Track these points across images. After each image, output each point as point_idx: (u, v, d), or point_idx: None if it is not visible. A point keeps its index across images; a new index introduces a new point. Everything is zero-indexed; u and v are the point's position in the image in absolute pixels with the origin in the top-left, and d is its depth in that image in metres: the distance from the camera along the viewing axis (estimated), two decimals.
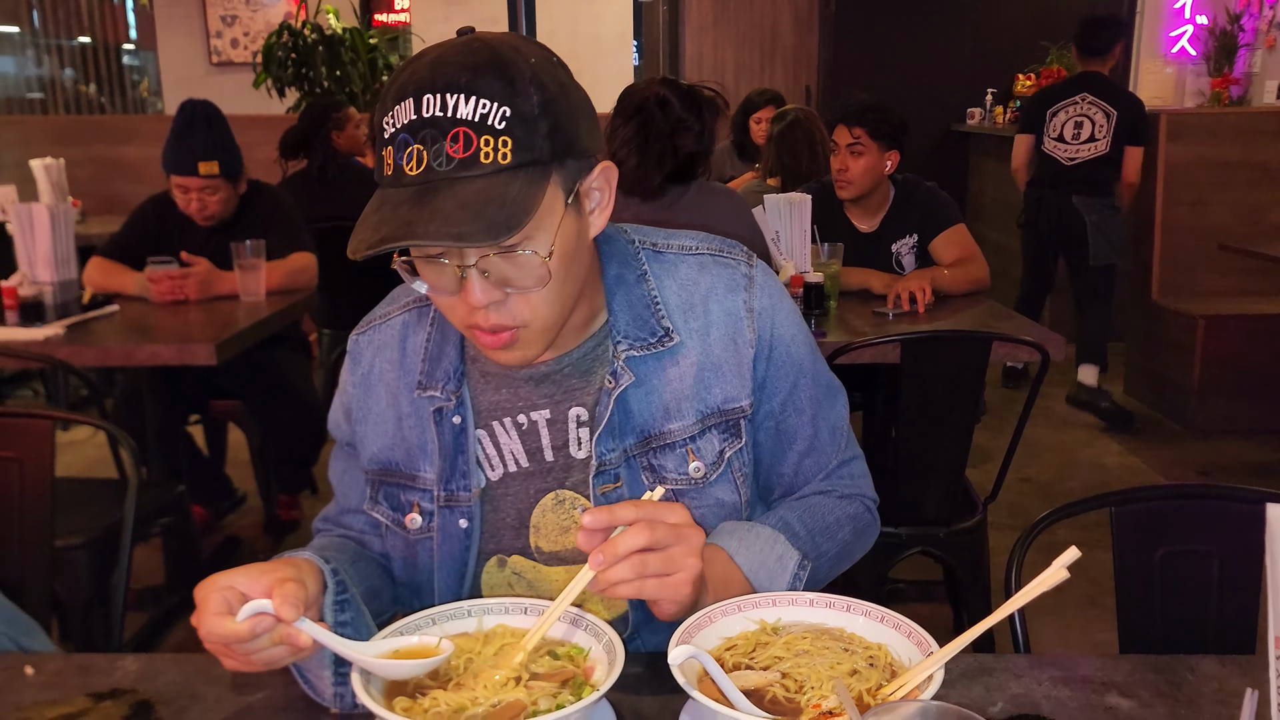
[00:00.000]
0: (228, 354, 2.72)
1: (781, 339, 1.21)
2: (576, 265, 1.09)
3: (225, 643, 0.95)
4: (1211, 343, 4.69)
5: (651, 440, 1.17)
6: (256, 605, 0.94)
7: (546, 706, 0.92)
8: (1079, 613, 3.01)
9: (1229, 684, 1.07)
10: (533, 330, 1.07)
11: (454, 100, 0.97)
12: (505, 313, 1.05)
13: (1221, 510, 1.38)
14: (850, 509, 1.27)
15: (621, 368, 1.15)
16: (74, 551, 2.32)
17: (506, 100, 0.97)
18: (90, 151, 6.24)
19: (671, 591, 0.99)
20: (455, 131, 0.97)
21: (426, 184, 0.97)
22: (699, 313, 1.19)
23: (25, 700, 1.06)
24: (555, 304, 1.07)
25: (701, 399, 1.18)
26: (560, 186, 1.03)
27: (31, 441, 1.77)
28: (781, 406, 1.23)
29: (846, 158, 3.12)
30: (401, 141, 0.98)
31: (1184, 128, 5.01)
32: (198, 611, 0.97)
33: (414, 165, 0.97)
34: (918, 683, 0.92)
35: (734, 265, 1.21)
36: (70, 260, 3.05)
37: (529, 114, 0.98)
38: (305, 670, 1.06)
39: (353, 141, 4.67)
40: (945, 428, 2.49)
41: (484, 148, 0.97)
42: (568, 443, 1.19)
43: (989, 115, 7.49)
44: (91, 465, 4.11)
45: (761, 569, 1.14)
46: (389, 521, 1.23)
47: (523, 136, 0.98)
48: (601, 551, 0.95)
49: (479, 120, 0.97)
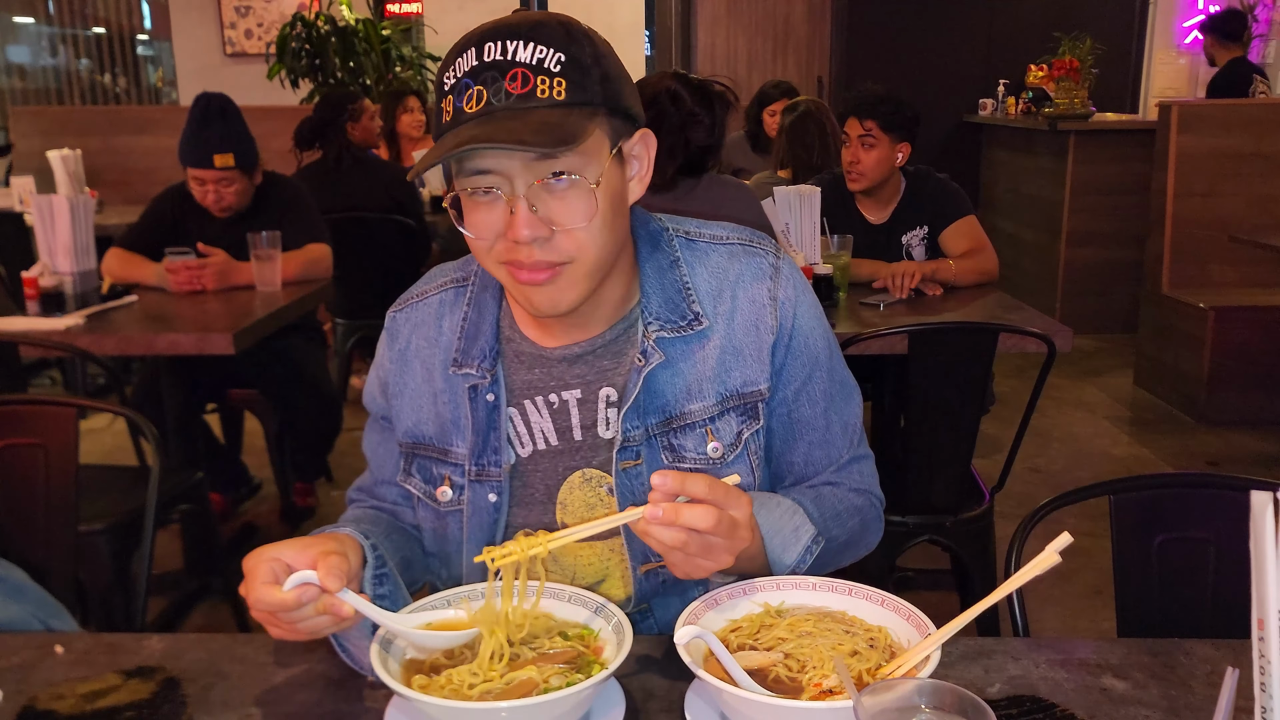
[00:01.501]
0: (245, 343, 2.76)
1: (801, 330, 1.25)
2: (619, 219, 1.14)
3: (272, 610, 1.00)
4: (1222, 334, 4.69)
5: (673, 421, 1.21)
6: (302, 576, 0.99)
7: (557, 684, 0.95)
8: (1084, 601, 3.04)
9: (1221, 667, 1.10)
10: (577, 269, 1.11)
11: (514, 46, 1.04)
12: (551, 249, 1.09)
13: (1218, 498, 1.40)
14: (858, 501, 1.30)
15: (652, 347, 1.19)
16: (96, 536, 2.36)
17: (563, 47, 1.05)
18: (106, 142, 6.29)
19: (693, 569, 1.03)
20: (514, 72, 1.04)
21: (486, 115, 1.04)
22: (726, 298, 1.23)
23: (57, 677, 1.10)
24: (599, 245, 1.11)
25: (722, 380, 1.22)
26: (607, 135, 1.09)
27: (56, 428, 1.82)
28: (795, 395, 1.26)
29: (858, 150, 3.13)
30: (462, 86, 1.05)
31: (1196, 119, 5.00)
32: (246, 581, 1.02)
33: (473, 104, 1.04)
34: (915, 663, 0.95)
35: (762, 255, 1.25)
36: (90, 251, 3.09)
37: (584, 61, 1.06)
38: (345, 640, 1.10)
39: (367, 133, 4.71)
40: (953, 418, 2.51)
41: (540, 85, 1.04)
42: (596, 422, 1.22)
43: (1001, 106, 7.48)
44: (109, 453, 4.16)
45: (778, 535, 1.16)
46: (420, 494, 1.27)
47: (578, 80, 1.05)
48: (663, 510, 0.98)
49: (536, 63, 1.04)
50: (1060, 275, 6.21)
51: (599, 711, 0.99)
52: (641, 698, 1.04)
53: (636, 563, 1.22)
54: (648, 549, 1.20)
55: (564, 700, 0.91)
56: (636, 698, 1.04)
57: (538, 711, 0.91)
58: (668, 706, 1.03)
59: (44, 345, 2.75)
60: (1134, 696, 1.05)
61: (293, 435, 3.68)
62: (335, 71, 6.52)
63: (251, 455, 3.97)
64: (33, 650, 1.16)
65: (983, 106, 7.57)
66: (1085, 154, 6.04)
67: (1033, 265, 6.57)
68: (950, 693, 0.80)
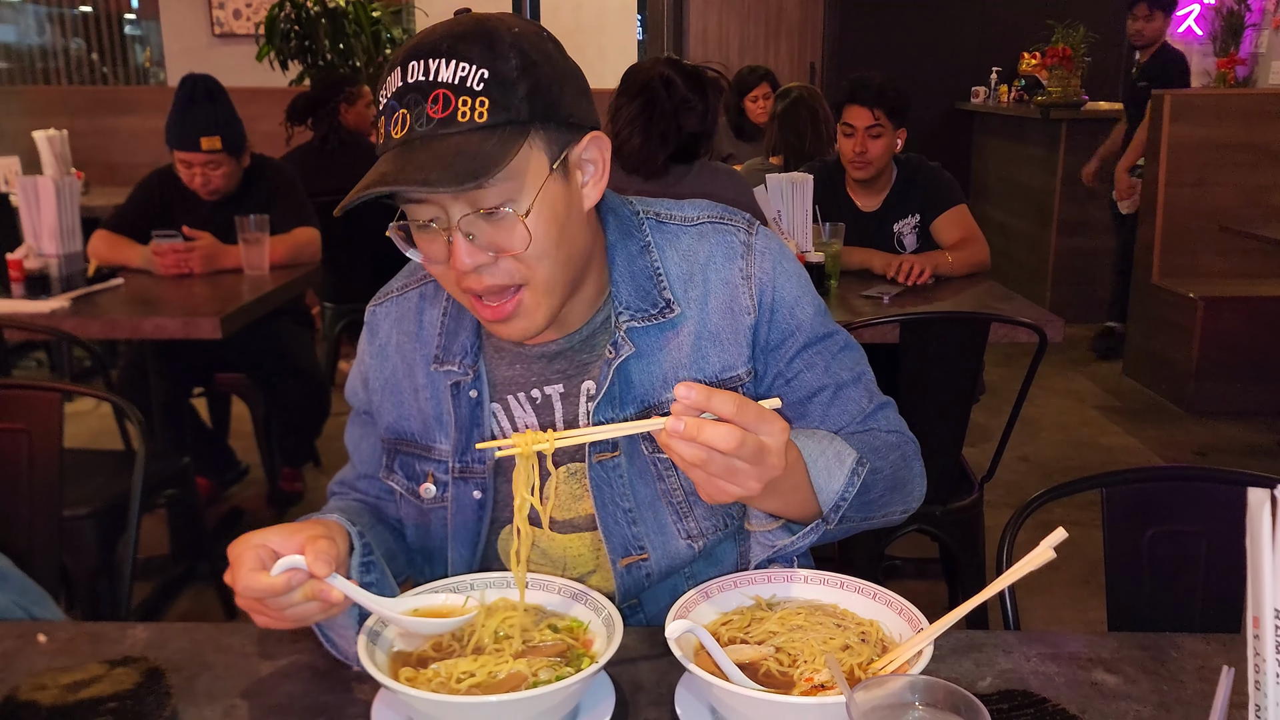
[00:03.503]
0: (232, 327, 2.74)
1: (784, 301, 1.21)
2: (569, 232, 1.09)
3: (260, 597, 0.98)
4: (1211, 324, 4.70)
5: (651, 410, 1.19)
6: (290, 561, 0.97)
7: (547, 678, 0.95)
8: (1072, 590, 3.05)
9: (1212, 661, 1.10)
10: (533, 293, 1.08)
11: (435, 65, 1.01)
12: (498, 272, 1.06)
13: (1210, 492, 1.40)
14: (892, 439, 1.24)
15: (622, 338, 1.17)
16: (80, 521, 2.35)
17: (485, 63, 1.01)
18: (93, 123, 6.24)
19: (715, 491, 0.97)
20: (435, 94, 1.01)
21: (407, 143, 1.01)
22: (698, 281, 1.20)
23: (39, 667, 1.09)
24: (549, 265, 1.07)
25: (699, 367, 1.19)
26: (544, 150, 1.05)
27: (40, 413, 1.80)
28: (789, 364, 1.22)
29: (865, 140, 3.10)
30: (389, 108, 1.03)
31: (1188, 108, 5.00)
32: (232, 568, 1.00)
33: (398, 128, 1.02)
34: (907, 658, 0.94)
35: (733, 232, 1.22)
36: (75, 233, 3.06)
37: (507, 76, 1.01)
38: (329, 629, 1.08)
39: (360, 119, 4.68)
40: (943, 407, 2.51)
41: (461, 107, 1.00)
42: (579, 417, 1.21)
43: (994, 94, 7.47)
44: (95, 436, 4.14)
45: (820, 458, 1.09)
46: (403, 490, 1.26)
47: (500, 97, 1.01)
48: (684, 424, 0.92)
49: (458, 82, 1.00)
50: (1051, 264, 6.22)
51: (588, 705, 0.98)
52: (631, 691, 1.04)
53: (616, 556, 1.20)
54: (627, 543, 1.20)
55: (553, 694, 0.90)
56: (626, 691, 1.03)
57: (526, 706, 0.90)
58: (657, 700, 1.02)
59: (28, 328, 2.73)
60: (1125, 691, 1.05)
61: (280, 420, 3.66)
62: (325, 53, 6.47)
63: (239, 440, 3.95)
64: (15, 639, 1.15)
65: (975, 94, 7.55)
66: (1077, 142, 6.03)
67: (1023, 254, 6.58)
68: (943, 690, 0.80)
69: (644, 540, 1.20)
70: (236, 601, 1.01)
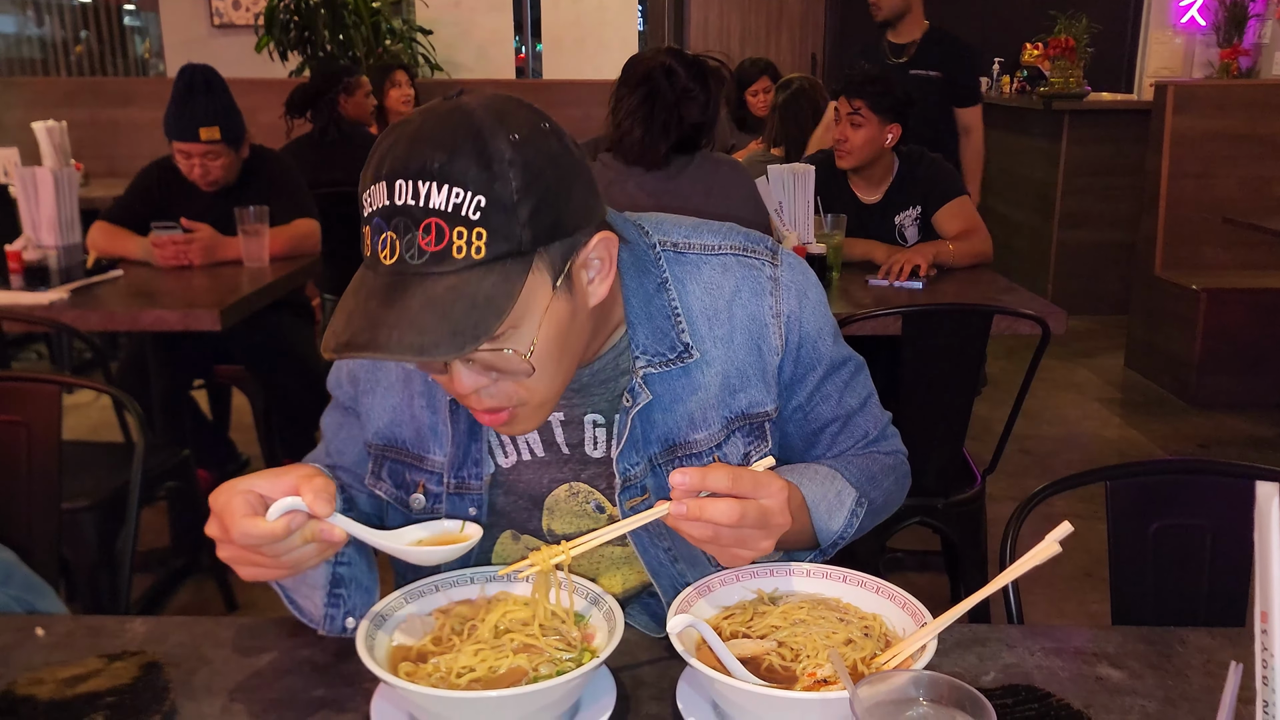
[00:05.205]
0: (232, 319, 2.73)
1: (809, 337, 1.20)
2: (573, 340, 1.04)
3: (257, 545, 0.94)
4: (1213, 316, 4.69)
5: (677, 449, 1.16)
6: (288, 503, 0.94)
7: (547, 672, 0.94)
8: (1074, 584, 3.04)
9: (1217, 656, 1.09)
10: (529, 408, 1.03)
11: (426, 188, 0.91)
12: (497, 394, 1.01)
13: (1215, 485, 1.39)
14: (889, 461, 1.29)
15: (640, 385, 1.13)
16: (80, 514, 2.34)
17: (482, 188, 0.91)
18: (92, 114, 6.21)
19: (732, 560, 1.01)
20: (428, 222, 0.91)
21: (399, 276, 0.92)
22: (723, 319, 1.16)
23: (37, 661, 1.08)
24: (549, 382, 1.02)
25: (727, 405, 1.17)
26: (547, 271, 0.96)
27: (39, 405, 1.79)
28: (809, 398, 1.23)
29: (846, 128, 3.11)
30: (376, 226, 0.93)
31: (1191, 99, 4.98)
32: (219, 518, 0.95)
33: (388, 254, 0.93)
34: (911, 653, 0.93)
35: (759, 267, 1.18)
36: (74, 224, 3.05)
37: (507, 201, 0.91)
38: (293, 592, 1.07)
39: (361, 110, 4.67)
40: (945, 399, 2.50)
41: (457, 240, 0.91)
42: (584, 441, 1.18)
43: (996, 85, 7.44)
44: (95, 429, 4.13)
45: (822, 501, 1.14)
46: (390, 498, 1.21)
47: (500, 226, 0.91)
48: (686, 506, 0.95)
49: (452, 210, 0.91)
50: (1052, 256, 6.20)
51: (589, 700, 0.97)
52: (632, 685, 1.03)
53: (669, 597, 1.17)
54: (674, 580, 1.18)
55: (554, 689, 0.89)
56: (627, 686, 1.02)
57: (527, 701, 0.89)
58: (659, 695, 1.01)
59: (27, 320, 2.72)
60: (1130, 686, 1.04)
61: (280, 412, 3.65)
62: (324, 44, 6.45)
63: (239, 432, 3.94)
64: (12, 633, 1.14)
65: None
66: (1080, 134, 6.01)
67: (1024, 246, 6.56)
68: (948, 685, 0.79)
69: (688, 575, 1.18)
70: (219, 554, 0.97)
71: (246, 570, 0.98)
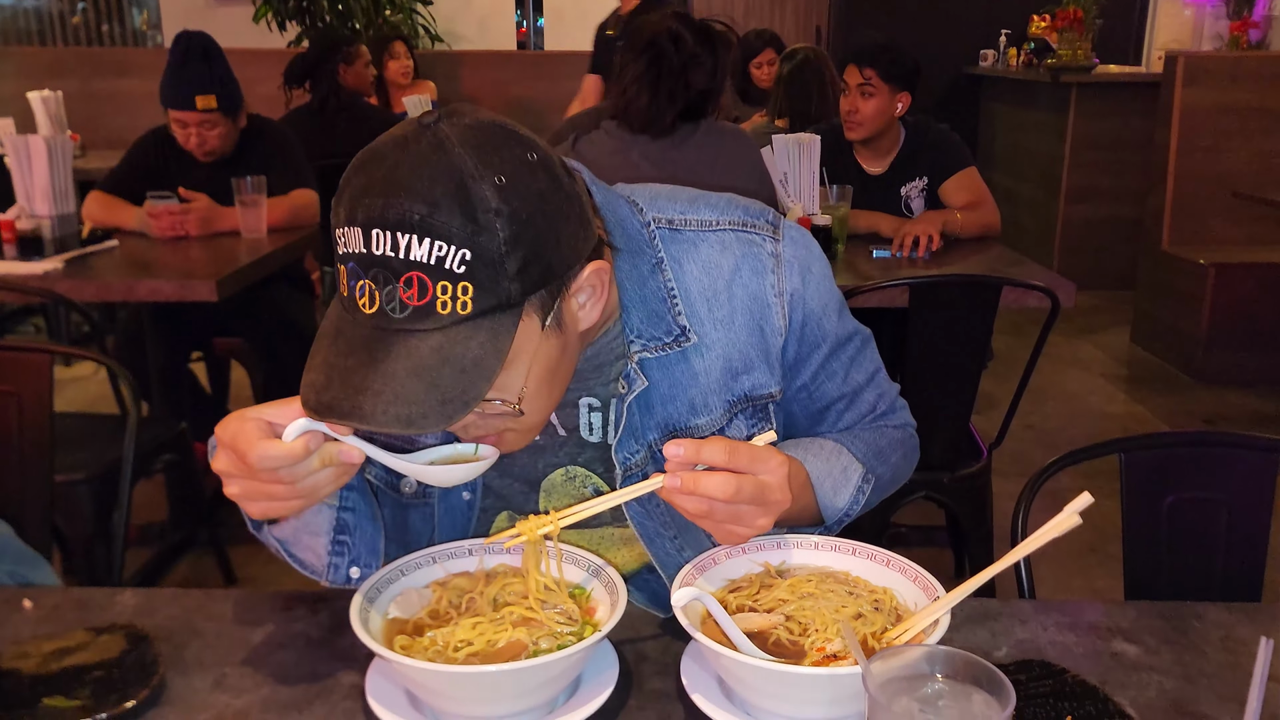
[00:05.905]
0: (229, 290, 2.69)
1: (813, 314, 1.15)
2: (563, 370, 1.00)
3: (275, 468, 0.90)
4: (1221, 292, 4.64)
5: (678, 434, 1.13)
6: (303, 424, 0.90)
7: (548, 646, 0.91)
8: (1080, 559, 3.02)
9: (1235, 631, 1.06)
10: (518, 433, 1.01)
11: (406, 240, 0.84)
12: (484, 428, 0.99)
13: (1231, 459, 1.35)
14: (898, 435, 1.25)
15: (635, 371, 1.09)
16: (75, 487, 2.31)
17: (466, 242, 0.84)
18: (88, 85, 6.16)
19: (728, 537, 0.98)
20: (409, 275, 0.84)
21: (380, 331, 0.87)
22: (723, 300, 1.12)
23: (23, 634, 1.05)
24: (540, 413, 1.00)
25: (729, 389, 1.14)
26: (536, 315, 0.92)
27: (28, 376, 1.76)
28: (814, 377, 1.19)
29: (857, 99, 3.07)
30: (352, 271, 0.87)
31: (1201, 72, 4.91)
32: (229, 448, 0.91)
33: (366, 303, 0.87)
34: (923, 627, 0.91)
35: (759, 243, 1.13)
36: (68, 194, 3.01)
37: (494, 254, 0.85)
38: (292, 545, 1.04)
39: (360, 80, 4.61)
40: (952, 373, 2.47)
41: (441, 295, 0.85)
42: (579, 425, 1.15)
43: (1003, 57, 7.36)
44: (94, 401, 4.11)
45: (827, 478, 1.11)
46: (381, 484, 1.18)
47: (486, 280, 0.85)
48: (680, 479, 0.92)
49: (435, 264, 0.84)
50: (1058, 231, 6.15)
51: (590, 675, 0.94)
52: (635, 660, 1.00)
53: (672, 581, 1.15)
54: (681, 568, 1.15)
55: (554, 664, 0.86)
56: (629, 661, 1.00)
57: (526, 676, 0.86)
58: (662, 670, 0.99)
59: (20, 290, 2.68)
60: (1146, 662, 1.02)
61: (279, 385, 3.62)
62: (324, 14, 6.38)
63: (238, 405, 3.88)
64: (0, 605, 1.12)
65: (984, 57, 7.44)
66: (1087, 107, 5.95)
67: (1030, 221, 6.51)
68: (963, 661, 0.76)
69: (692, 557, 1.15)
70: (227, 490, 0.94)
71: (258, 505, 0.95)
